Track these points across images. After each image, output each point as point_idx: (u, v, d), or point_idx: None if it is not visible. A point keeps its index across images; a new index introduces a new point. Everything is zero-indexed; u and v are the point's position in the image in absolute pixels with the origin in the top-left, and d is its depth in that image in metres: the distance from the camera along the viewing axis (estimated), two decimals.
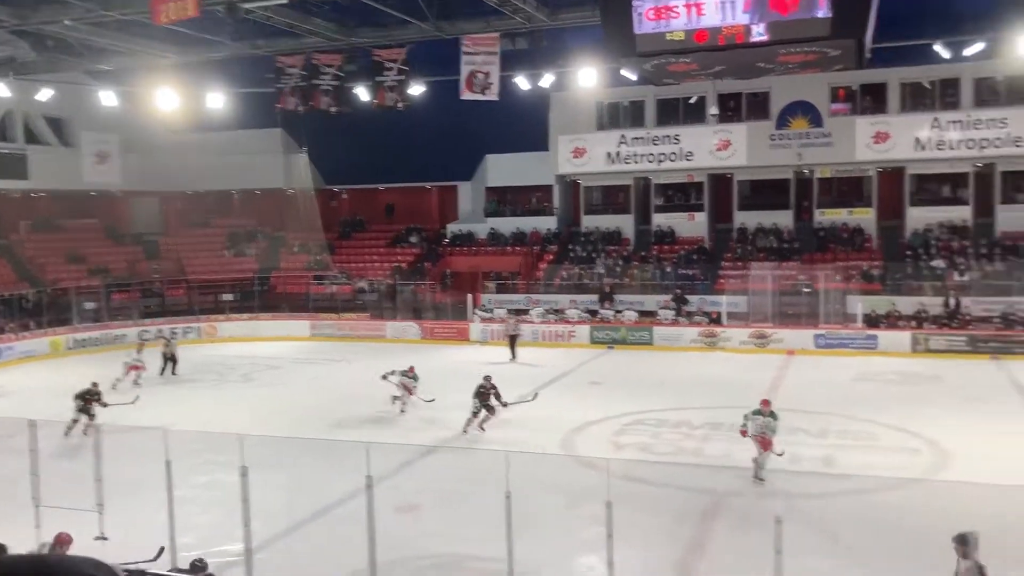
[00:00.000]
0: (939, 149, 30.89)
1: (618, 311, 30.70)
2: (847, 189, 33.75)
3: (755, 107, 33.32)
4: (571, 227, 37.24)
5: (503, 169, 37.99)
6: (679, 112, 34.31)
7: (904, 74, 31.38)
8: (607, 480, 8.36)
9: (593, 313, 31.04)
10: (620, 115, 35.24)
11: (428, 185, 40.77)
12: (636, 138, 34.51)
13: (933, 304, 27.76)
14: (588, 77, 25.36)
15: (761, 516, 7.79)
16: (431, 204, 41.07)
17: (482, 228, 37.69)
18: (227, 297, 34.72)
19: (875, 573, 10.35)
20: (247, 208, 40.91)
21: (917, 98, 31.69)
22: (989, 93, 30.83)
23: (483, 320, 31.00)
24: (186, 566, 8.28)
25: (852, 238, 32.29)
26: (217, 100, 28.51)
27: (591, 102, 34.45)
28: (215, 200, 40.47)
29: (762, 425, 13.62)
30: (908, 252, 30.65)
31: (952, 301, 27.50)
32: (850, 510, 12.37)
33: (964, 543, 7.74)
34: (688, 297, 30.50)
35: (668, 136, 34.14)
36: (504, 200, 38.52)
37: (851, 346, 26.94)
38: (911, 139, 31.11)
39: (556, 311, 31.39)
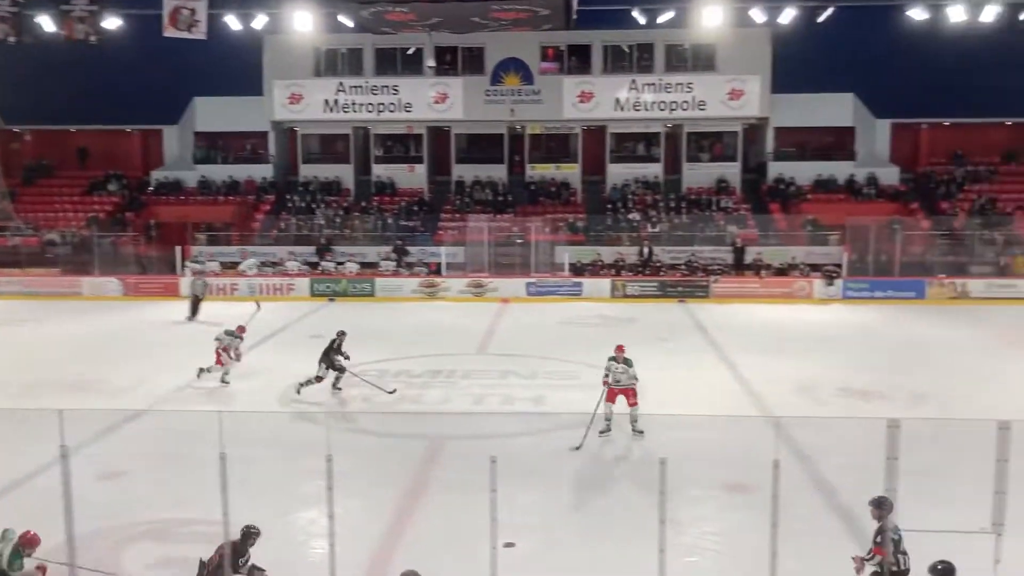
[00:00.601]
0: (636, 110, 33.48)
1: (339, 263, 30.41)
2: (555, 145, 35.63)
3: (471, 62, 34.07)
4: (288, 176, 36.18)
5: (213, 113, 35.91)
6: (397, 63, 34.29)
7: (606, 37, 33.51)
8: (327, 433, 8.35)
9: (313, 265, 30.51)
10: (338, 62, 34.56)
11: (129, 128, 37.58)
12: (355, 87, 34.07)
13: (630, 253, 30.27)
14: (304, 21, 24.59)
15: (477, 457, 8.16)
16: (132, 149, 37.90)
17: (191, 176, 35.54)
18: None
19: (580, 500, 11.25)
20: None
21: (617, 61, 33.98)
22: (678, 59, 33.73)
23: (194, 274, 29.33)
24: None
25: (560, 192, 34.21)
26: None
27: (308, 47, 33.47)
28: None
29: (619, 372, 13.60)
30: (609, 205, 33.06)
31: (646, 250, 30.10)
32: (558, 445, 13.30)
33: (880, 506, 7.79)
34: (409, 248, 30.89)
35: (387, 86, 34.05)
36: (215, 146, 36.49)
37: (559, 293, 28.70)
38: (612, 100, 33.42)
39: (273, 263, 30.47)
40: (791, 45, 31.34)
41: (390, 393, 16.05)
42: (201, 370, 16.75)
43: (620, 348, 14.02)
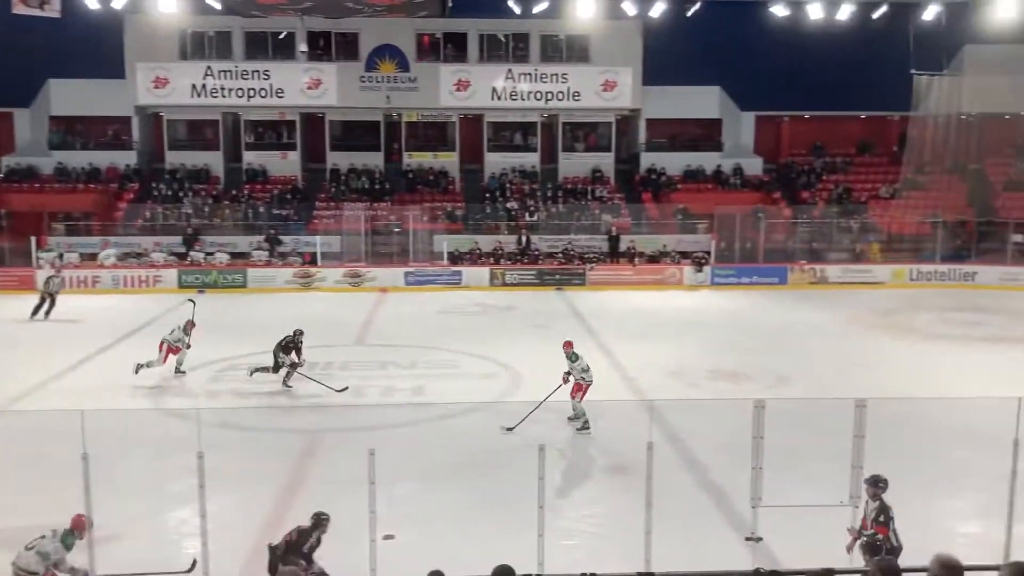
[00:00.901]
0: (512, 99, 33.68)
1: (209, 253, 29.38)
2: (433, 133, 35.45)
3: (345, 48, 33.47)
4: (154, 163, 34.66)
5: (71, 97, 33.88)
6: (268, 47, 33.33)
7: (482, 26, 33.55)
8: (198, 430, 8.06)
9: (181, 256, 29.38)
10: (206, 45, 33.30)
11: None
12: (224, 71, 32.93)
13: (508, 242, 30.48)
14: (167, 2, 23.57)
15: (355, 449, 8.06)
16: None
17: (47, 162, 33.56)
18: None
19: (461, 489, 11.27)
20: None
21: (494, 50, 34.06)
22: (553, 50, 34.10)
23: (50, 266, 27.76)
24: None
25: (438, 180, 34.09)
26: None
27: (173, 29, 32.12)
28: None
29: (576, 370, 13.55)
30: (487, 194, 33.18)
31: (524, 239, 30.37)
32: (437, 434, 13.29)
33: (875, 484, 7.99)
34: (282, 238, 30.15)
35: (258, 71, 33.06)
36: (73, 131, 34.50)
37: (438, 282, 28.63)
38: (489, 88, 33.51)
39: (138, 254, 29.16)
40: (661, 38, 32.19)
41: (340, 391, 15.49)
42: (139, 365, 16.04)
43: (567, 344, 14.05)
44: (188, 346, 16.73)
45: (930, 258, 29.94)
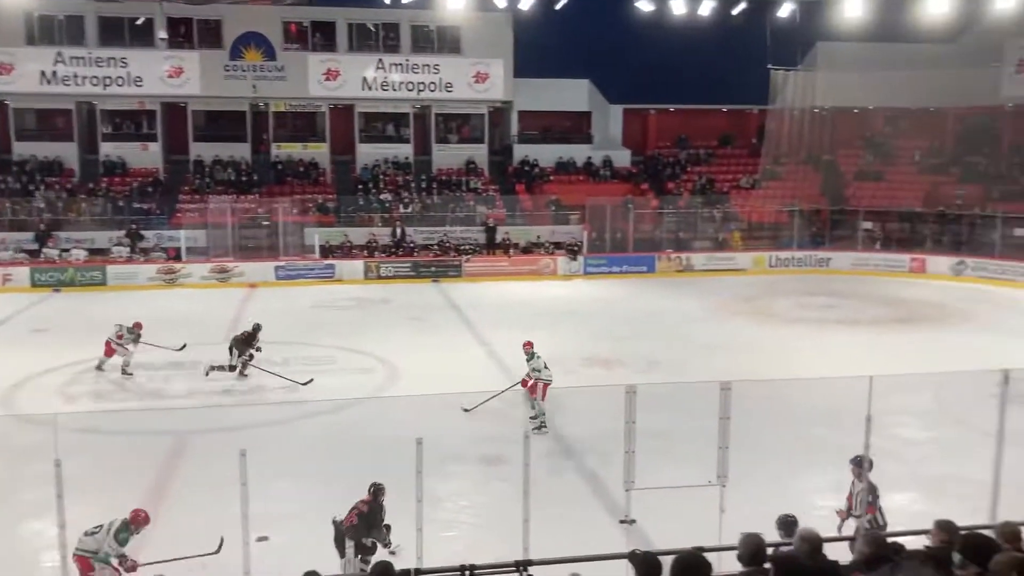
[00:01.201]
0: (384, 90, 33.30)
1: (64, 250, 27.83)
2: (302, 124, 34.64)
3: (207, 35, 32.26)
4: (0, 155, 32.53)
5: None
6: (125, 33, 31.78)
7: (351, 15, 33.00)
8: (55, 436, 7.63)
9: (33, 253, 27.72)
10: (55, 30, 31.45)
11: None
12: (76, 57, 31.21)
13: (382, 234, 30.15)
14: None
15: (227, 450, 7.80)
16: None
17: None
18: None
19: (336, 486, 11.07)
20: None
21: (363, 39, 33.55)
22: (424, 40, 33.88)
23: None
24: None
25: (308, 172, 33.37)
26: None
27: (18, 11, 30.20)
28: None
29: (529, 368, 13.53)
30: (359, 186, 32.70)
31: (398, 231, 30.12)
32: (313, 432, 13.03)
33: (859, 464, 8.24)
34: (144, 232, 28.88)
35: (114, 58, 31.50)
36: None
37: (310, 276, 28.08)
38: (359, 78, 33.00)
39: None
40: (532, 31, 32.51)
41: (305, 384, 15.28)
42: (98, 368, 16.07)
43: (527, 344, 14.09)
44: (135, 345, 16.49)
45: (788, 245, 31.44)
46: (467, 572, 5.93)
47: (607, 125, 36.84)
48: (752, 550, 4.95)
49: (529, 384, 13.57)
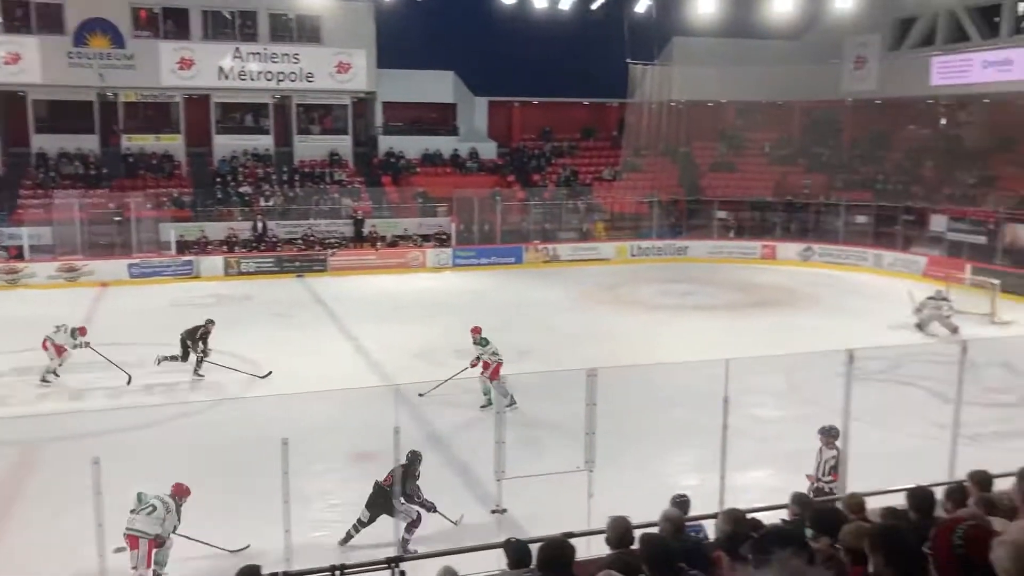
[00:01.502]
0: (241, 79, 32.22)
1: None
2: (154, 115, 33.09)
3: (48, 20, 30.31)
4: None
5: None
6: None
7: (205, 2, 31.75)
8: None
9: None
10: None
11: None
12: None
13: (243, 228, 29.22)
14: None
15: (79, 458, 7.40)
16: None
17: None
18: None
19: (202, 489, 10.71)
20: None
21: (219, 27, 32.36)
22: (283, 29, 32.97)
23: None
24: None
25: (162, 164, 31.93)
26: None
27: None
28: None
29: (487, 353, 13.88)
30: (217, 179, 31.57)
31: (260, 225, 29.27)
32: (174, 435, 12.52)
33: (828, 434, 8.82)
34: None
35: None
36: None
37: (166, 273, 26.96)
38: (215, 68, 31.81)
39: None
40: (395, 22, 32.16)
41: (264, 378, 15.12)
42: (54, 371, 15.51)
43: (475, 330, 14.70)
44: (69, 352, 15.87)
45: (648, 235, 32.43)
46: (338, 572, 5.85)
47: (472, 117, 36.93)
48: (619, 533, 5.08)
49: (492, 367, 13.92)
